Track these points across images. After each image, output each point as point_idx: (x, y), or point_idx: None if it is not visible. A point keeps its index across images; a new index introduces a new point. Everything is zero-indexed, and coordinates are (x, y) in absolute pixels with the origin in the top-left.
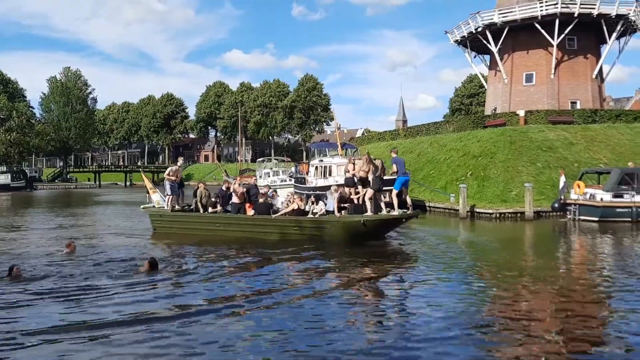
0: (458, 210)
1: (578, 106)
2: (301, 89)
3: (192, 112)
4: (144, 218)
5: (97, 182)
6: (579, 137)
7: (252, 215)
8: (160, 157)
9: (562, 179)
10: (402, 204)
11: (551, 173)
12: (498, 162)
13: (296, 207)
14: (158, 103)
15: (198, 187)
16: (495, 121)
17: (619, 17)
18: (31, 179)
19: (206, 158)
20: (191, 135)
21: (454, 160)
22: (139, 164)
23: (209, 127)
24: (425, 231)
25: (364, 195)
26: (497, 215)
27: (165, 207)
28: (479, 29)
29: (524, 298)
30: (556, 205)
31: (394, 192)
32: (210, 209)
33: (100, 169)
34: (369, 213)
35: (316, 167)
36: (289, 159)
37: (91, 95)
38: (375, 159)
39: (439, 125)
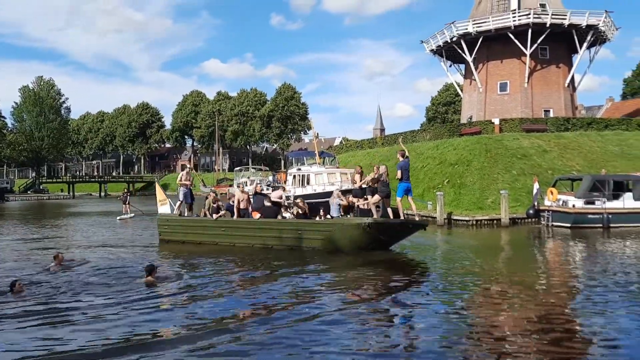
0: (435, 217)
1: (551, 114)
2: (279, 98)
3: (168, 121)
4: (123, 229)
5: (71, 193)
6: (552, 145)
7: (258, 219)
8: (136, 167)
9: (536, 186)
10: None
11: (526, 180)
12: (474, 170)
13: (301, 211)
14: (133, 112)
15: (208, 197)
16: (471, 129)
17: (589, 27)
18: (2, 190)
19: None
20: (167, 145)
21: (431, 168)
22: (113, 174)
23: (186, 137)
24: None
25: (371, 201)
26: (474, 222)
27: (174, 213)
28: (454, 39)
29: (500, 304)
30: (531, 211)
31: (398, 199)
32: (214, 215)
33: (74, 180)
34: (375, 217)
35: (294, 176)
36: (267, 168)
37: (65, 105)
38: (380, 164)
39: (416, 134)
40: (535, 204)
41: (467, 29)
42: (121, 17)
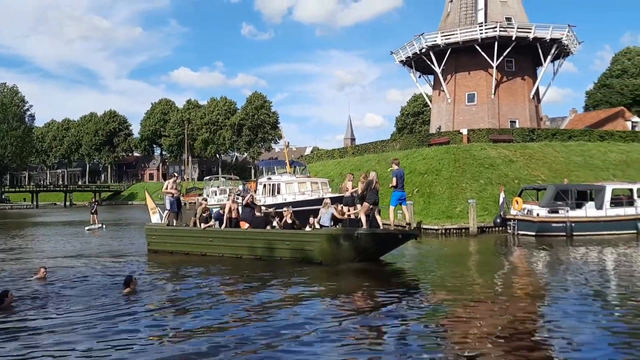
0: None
1: (517, 125)
2: (249, 106)
3: (136, 129)
4: (91, 238)
5: (35, 203)
6: (518, 155)
7: (246, 229)
8: (103, 175)
9: (502, 195)
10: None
11: (493, 189)
12: (443, 179)
13: (289, 221)
14: (100, 120)
15: (198, 206)
16: (439, 139)
17: (553, 41)
18: None
19: (151, 177)
20: (135, 154)
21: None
22: (79, 183)
23: (154, 145)
24: None
25: (360, 210)
26: (443, 231)
27: (162, 222)
28: (423, 50)
29: (467, 313)
30: (498, 220)
31: (391, 208)
32: (203, 225)
33: (37, 189)
34: (364, 227)
35: (264, 185)
36: (237, 177)
37: (29, 112)
38: (369, 172)
39: (385, 144)
40: (502, 213)
41: (435, 40)
42: (88, 24)
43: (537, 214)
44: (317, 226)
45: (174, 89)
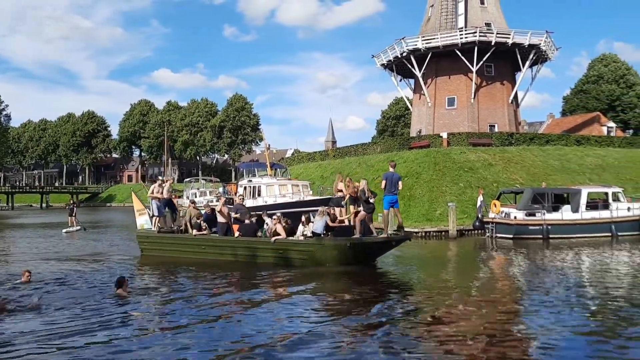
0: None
1: (496, 129)
2: (230, 108)
3: (115, 131)
4: (73, 241)
5: (10, 204)
6: (497, 159)
7: (237, 237)
8: (80, 177)
9: (480, 199)
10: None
11: (472, 192)
12: (423, 182)
13: (279, 229)
14: (78, 121)
15: (188, 208)
16: (420, 143)
17: (532, 46)
18: None
19: (130, 178)
20: (114, 155)
21: (381, 180)
22: (56, 184)
23: (133, 147)
24: None
25: (355, 216)
26: (423, 234)
27: (152, 228)
28: (404, 54)
29: (446, 315)
30: (477, 223)
31: (384, 212)
32: (195, 231)
33: (13, 190)
34: (357, 235)
35: (245, 188)
36: (217, 179)
37: (4, 112)
38: (361, 179)
39: (366, 147)
40: (480, 216)
41: (416, 44)
42: (68, 24)
43: (515, 217)
44: (309, 232)
45: (154, 90)
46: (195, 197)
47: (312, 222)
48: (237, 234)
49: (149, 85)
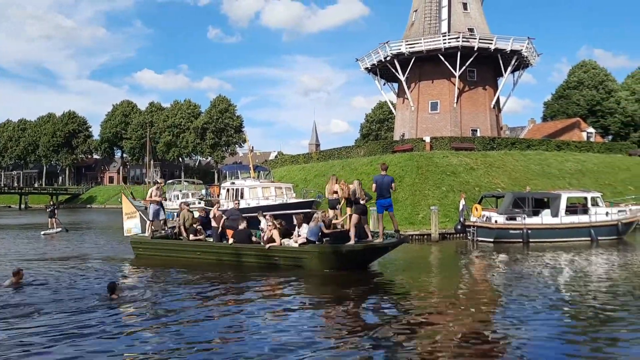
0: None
1: (478, 134)
2: (213, 110)
3: (96, 131)
4: (54, 243)
5: None
6: (479, 163)
7: (231, 244)
8: (60, 178)
9: (462, 202)
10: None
11: (455, 196)
12: (406, 186)
13: (275, 236)
14: (59, 121)
15: (181, 210)
16: (403, 146)
17: (513, 52)
18: None
19: (111, 180)
20: (95, 156)
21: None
22: (35, 185)
23: (115, 148)
24: None
25: (349, 221)
26: (405, 237)
27: (146, 234)
28: (388, 58)
29: (427, 318)
30: (459, 227)
31: (378, 216)
32: (191, 236)
33: None
34: (352, 242)
35: (227, 190)
36: (200, 181)
37: None
38: (355, 180)
39: (350, 150)
40: (462, 219)
41: (400, 49)
42: (50, 23)
43: (496, 221)
44: (303, 236)
45: (137, 90)
46: (178, 199)
47: (305, 226)
48: (231, 240)
49: (131, 86)
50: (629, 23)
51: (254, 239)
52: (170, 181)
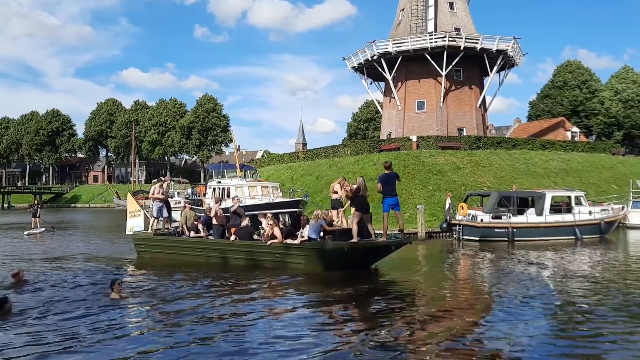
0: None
1: (464, 133)
2: (200, 109)
3: (80, 130)
4: (46, 242)
5: None
6: (465, 162)
7: (233, 241)
8: (44, 177)
9: (448, 201)
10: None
11: (441, 195)
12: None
13: (276, 233)
14: (42, 120)
15: (184, 208)
16: (390, 145)
17: (499, 52)
18: None
19: (95, 179)
20: (79, 155)
21: (351, 183)
22: (18, 184)
23: (99, 146)
24: None
25: (353, 221)
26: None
27: (149, 231)
28: (375, 57)
29: (413, 315)
30: (444, 225)
31: (384, 214)
32: (192, 233)
33: None
34: (355, 239)
35: (214, 189)
36: (186, 181)
37: None
38: (359, 177)
39: (337, 149)
40: (448, 218)
41: (387, 48)
42: (35, 21)
43: (481, 220)
44: (304, 236)
45: (122, 89)
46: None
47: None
48: (232, 237)
49: (116, 84)
50: (613, 24)
51: (255, 237)
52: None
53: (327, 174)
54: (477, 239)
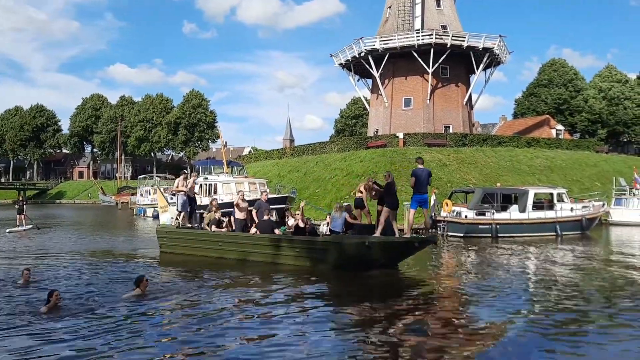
0: None
1: (451, 130)
2: (186, 105)
3: (65, 125)
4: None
5: None
6: (451, 159)
7: (253, 234)
8: (28, 173)
9: (433, 198)
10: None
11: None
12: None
13: (300, 223)
14: (26, 115)
15: (211, 205)
16: (376, 142)
17: (485, 50)
18: None
19: (81, 175)
20: (64, 151)
21: (338, 180)
22: (2, 180)
23: (85, 142)
24: None
25: (379, 215)
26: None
27: (172, 224)
28: (362, 54)
29: (398, 310)
30: (430, 222)
31: (411, 211)
32: (214, 227)
33: None
34: (377, 234)
35: (201, 185)
36: (172, 177)
37: None
38: (386, 172)
39: (324, 145)
40: (433, 214)
41: (374, 45)
42: (22, 16)
43: (466, 216)
44: (327, 231)
45: (109, 84)
46: (149, 194)
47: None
48: (253, 230)
49: (102, 79)
50: (597, 23)
51: (277, 231)
52: (141, 176)
53: (314, 170)
54: (462, 235)
